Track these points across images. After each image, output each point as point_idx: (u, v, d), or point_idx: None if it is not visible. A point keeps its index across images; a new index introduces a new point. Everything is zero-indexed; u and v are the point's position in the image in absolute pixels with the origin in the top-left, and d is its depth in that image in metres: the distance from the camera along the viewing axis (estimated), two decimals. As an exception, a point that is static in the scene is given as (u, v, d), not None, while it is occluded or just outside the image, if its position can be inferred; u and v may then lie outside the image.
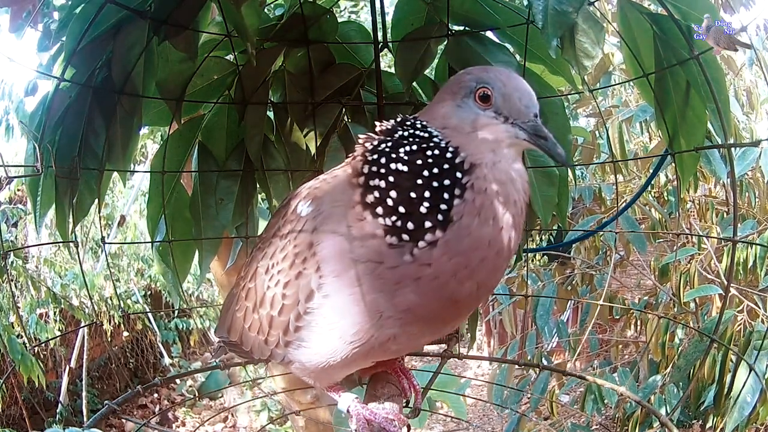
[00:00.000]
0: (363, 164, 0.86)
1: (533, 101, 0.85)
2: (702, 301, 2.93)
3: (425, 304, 0.83)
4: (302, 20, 1.33)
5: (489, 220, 0.81)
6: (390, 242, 0.80)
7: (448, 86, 0.90)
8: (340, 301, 0.85)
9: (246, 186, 1.48)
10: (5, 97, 4.09)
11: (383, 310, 0.83)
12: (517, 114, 0.84)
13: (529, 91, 0.85)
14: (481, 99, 0.84)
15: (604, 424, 3.46)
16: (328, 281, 0.85)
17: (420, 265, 0.80)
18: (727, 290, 1.32)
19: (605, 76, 3.01)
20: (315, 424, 2.84)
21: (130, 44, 1.22)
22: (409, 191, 0.81)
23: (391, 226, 0.80)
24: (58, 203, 1.27)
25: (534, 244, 3.93)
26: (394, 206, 0.81)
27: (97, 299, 4.87)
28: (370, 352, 0.89)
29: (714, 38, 0.99)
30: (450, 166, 0.82)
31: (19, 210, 4.74)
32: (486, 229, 0.80)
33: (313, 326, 0.88)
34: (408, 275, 0.81)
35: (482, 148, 0.83)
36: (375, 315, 0.83)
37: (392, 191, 0.81)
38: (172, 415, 5.88)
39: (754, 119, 3.37)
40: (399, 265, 0.80)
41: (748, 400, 1.93)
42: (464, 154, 0.82)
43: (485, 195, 0.81)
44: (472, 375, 5.91)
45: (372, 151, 0.86)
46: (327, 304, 0.86)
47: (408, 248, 0.80)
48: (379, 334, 0.85)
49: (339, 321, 0.86)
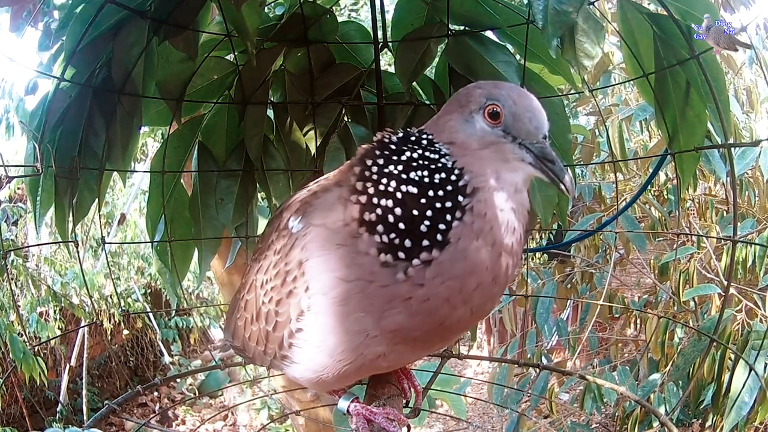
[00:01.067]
0: (364, 182, 0.83)
1: (543, 122, 0.82)
2: (701, 300, 2.94)
3: (414, 326, 0.81)
4: (302, 20, 1.33)
5: (487, 246, 0.79)
6: (384, 260, 0.79)
7: (457, 98, 0.87)
8: (328, 320, 0.84)
9: (246, 186, 1.49)
10: (5, 95, 4.08)
11: (369, 329, 0.82)
12: (525, 134, 0.81)
13: (540, 111, 0.83)
14: (491, 116, 0.82)
15: (604, 423, 3.47)
16: (316, 300, 0.84)
17: (412, 285, 0.78)
18: (726, 289, 1.32)
19: (605, 75, 3.01)
20: (315, 422, 2.84)
21: (130, 44, 1.22)
22: (412, 210, 0.79)
23: (388, 243, 0.79)
24: (57, 203, 1.27)
25: (534, 243, 3.93)
26: (395, 223, 0.79)
27: (97, 298, 4.87)
28: (361, 369, 0.88)
29: (714, 38, 0.99)
30: (453, 188, 0.80)
31: (20, 208, 4.74)
32: (483, 254, 0.79)
33: (304, 343, 0.88)
34: (399, 294, 0.79)
35: (486, 169, 0.81)
36: (361, 334, 0.82)
37: (397, 209, 0.80)
38: (172, 414, 5.89)
39: (754, 118, 3.37)
40: (390, 284, 0.79)
41: (747, 400, 1.93)
42: (468, 177, 0.81)
43: (484, 220, 0.79)
44: (471, 374, 5.92)
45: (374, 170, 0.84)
46: (316, 322, 0.85)
47: (401, 267, 0.78)
48: (368, 352, 0.84)
49: (327, 339, 0.85)
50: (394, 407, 1.01)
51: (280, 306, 0.89)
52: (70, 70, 1.20)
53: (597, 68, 2.83)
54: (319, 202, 0.88)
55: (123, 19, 1.20)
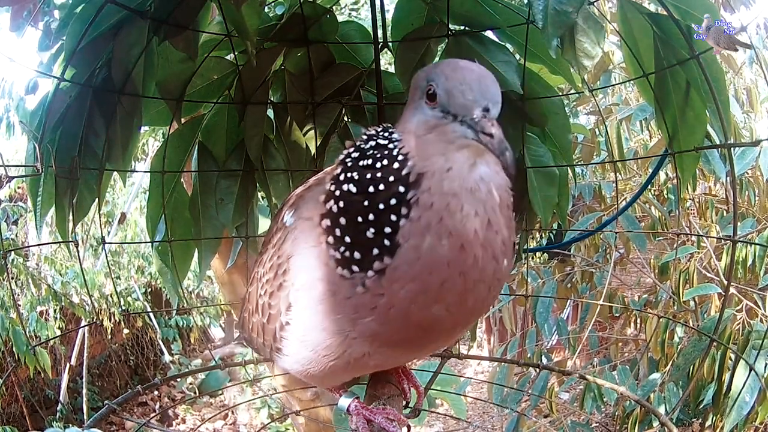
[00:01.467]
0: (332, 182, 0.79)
1: (483, 94, 0.72)
2: (701, 300, 2.93)
3: (390, 332, 0.78)
4: (302, 20, 1.33)
5: (441, 240, 0.72)
6: (341, 274, 0.75)
7: (410, 88, 0.83)
8: (310, 317, 0.82)
9: (246, 186, 1.49)
10: (5, 95, 4.08)
11: (348, 331, 0.79)
12: (462, 110, 0.72)
13: (477, 82, 0.73)
14: (429, 98, 0.75)
15: (604, 423, 3.47)
16: (299, 295, 0.83)
17: (374, 296, 0.74)
18: (726, 289, 1.32)
19: (605, 75, 3.01)
20: (315, 422, 2.84)
21: (130, 44, 1.21)
22: (356, 215, 0.74)
23: (341, 258, 0.75)
24: (58, 203, 1.27)
25: (534, 243, 3.93)
26: (341, 236, 0.75)
27: (97, 297, 4.87)
28: (349, 366, 0.86)
29: (714, 38, 0.99)
30: (395, 179, 0.73)
31: (20, 208, 4.74)
32: (440, 250, 0.72)
33: (291, 336, 0.88)
34: (364, 305, 0.75)
35: (431, 152, 0.74)
36: (341, 334, 0.80)
37: (341, 218, 0.75)
38: (172, 413, 5.89)
39: (754, 118, 3.37)
40: (352, 296, 0.75)
41: (747, 400, 1.93)
42: (411, 163, 0.74)
43: (431, 211, 0.72)
44: (471, 373, 5.92)
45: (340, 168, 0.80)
46: (300, 317, 0.85)
47: (359, 279, 0.74)
48: (351, 351, 0.82)
49: (309, 335, 0.85)
50: (394, 407, 1.01)
51: (272, 298, 0.89)
52: (70, 70, 1.20)
53: (597, 68, 2.83)
54: (310, 195, 0.87)
55: (123, 19, 1.20)
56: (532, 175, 1.35)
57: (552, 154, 1.37)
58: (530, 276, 3.23)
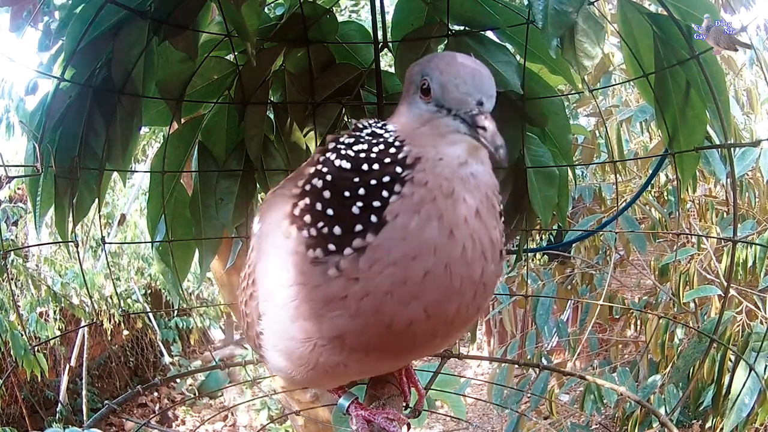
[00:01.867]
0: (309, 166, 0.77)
1: (478, 87, 0.71)
2: (702, 302, 2.93)
3: (357, 330, 0.72)
4: (302, 20, 1.33)
5: (432, 220, 0.68)
6: (313, 257, 0.70)
7: (405, 81, 0.81)
8: (277, 326, 0.80)
9: (246, 186, 1.49)
10: (5, 95, 4.08)
11: (315, 338, 0.75)
12: (456, 104, 0.71)
13: (471, 76, 0.72)
14: (423, 92, 0.74)
15: (604, 424, 3.46)
16: (268, 305, 0.80)
17: (346, 281, 0.69)
18: (726, 291, 1.32)
19: (605, 76, 3.01)
20: (314, 423, 2.84)
21: (130, 44, 1.21)
22: (344, 190, 0.70)
23: (316, 235, 0.71)
24: (57, 203, 1.27)
25: (534, 244, 3.93)
26: (323, 210, 0.71)
27: (97, 298, 4.87)
28: (328, 376, 0.83)
29: (714, 38, 0.99)
30: (391, 161, 0.71)
31: (20, 208, 4.74)
32: (428, 232, 0.68)
33: (267, 345, 0.86)
34: (333, 294, 0.70)
35: (424, 143, 0.73)
36: (308, 342, 0.76)
37: (326, 191, 0.72)
38: (172, 414, 5.89)
39: (754, 119, 3.37)
40: (322, 284, 0.70)
41: (747, 401, 1.93)
42: (408, 148, 0.72)
43: (426, 188, 0.69)
44: (471, 374, 5.91)
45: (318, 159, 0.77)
46: (269, 327, 0.83)
47: (333, 261, 0.69)
48: (324, 360, 0.78)
49: (279, 344, 0.82)
50: (394, 407, 1.01)
51: (247, 307, 0.89)
52: (70, 70, 1.20)
53: (597, 69, 2.83)
54: (274, 199, 0.84)
55: (123, 19, 1.20)
56: (532, 175, 1.35)
57: (552, 155, 1.37)
58: (530, 277, 3.23)
